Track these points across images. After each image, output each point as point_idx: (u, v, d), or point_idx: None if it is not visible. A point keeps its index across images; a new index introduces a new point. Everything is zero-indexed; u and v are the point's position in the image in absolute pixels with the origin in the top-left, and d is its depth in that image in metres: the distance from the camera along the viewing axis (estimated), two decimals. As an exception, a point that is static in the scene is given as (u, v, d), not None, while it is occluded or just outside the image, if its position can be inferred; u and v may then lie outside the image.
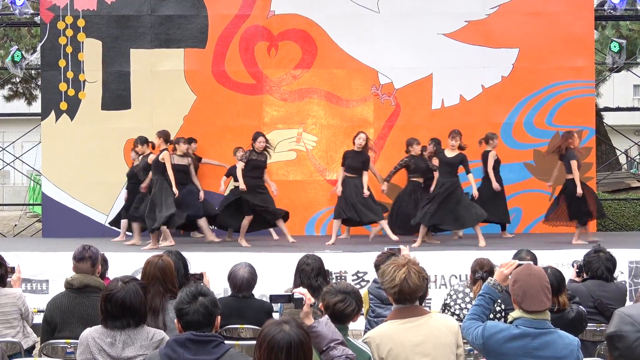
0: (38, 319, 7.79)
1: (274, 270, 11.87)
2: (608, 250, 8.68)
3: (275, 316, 7.70)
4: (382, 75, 18.29)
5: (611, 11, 18.71)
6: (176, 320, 5.15)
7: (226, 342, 5.12)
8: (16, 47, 19.23)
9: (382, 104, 18.30)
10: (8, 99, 27.36)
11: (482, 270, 8.15)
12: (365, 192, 15.35)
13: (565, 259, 12.68)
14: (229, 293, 8.12)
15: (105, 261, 8.75)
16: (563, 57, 18.19)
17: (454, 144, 14.91)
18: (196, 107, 18.12)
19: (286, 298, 5.38)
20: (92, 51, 18.13)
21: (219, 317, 5.20)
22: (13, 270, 8.16)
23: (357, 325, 6.94)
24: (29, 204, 26.83)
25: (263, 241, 15.52)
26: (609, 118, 26.09)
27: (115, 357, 5.60)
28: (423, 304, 6.14)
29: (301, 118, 18.32)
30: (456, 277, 13.03)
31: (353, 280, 12.89)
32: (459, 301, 8.30)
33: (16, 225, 23.64)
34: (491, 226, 16.44)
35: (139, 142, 15.63)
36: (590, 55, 18.58)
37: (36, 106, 23.83)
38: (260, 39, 18.31)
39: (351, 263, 13.13)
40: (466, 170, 14.99)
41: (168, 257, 7.19)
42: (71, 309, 7.09)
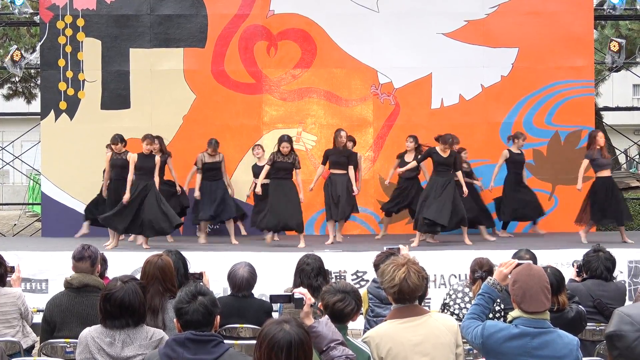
0: (37, 319, 7.79)
1: (274, 269, 11.89)
2: (607, 249, 8.68)
3: (274, 316, 7.69)
4: (382, 74, 18.29)
5: (610, 11, 18.74)
6: (175, 319, 5.14)
7: (225, 342, 5.12)
8: (15, 47, 19.21)
9: (382, 104, 18.31)
10: (7, 98, 27.35)
11: (482, 269, 8.15)
12: (355, 190, 15.51)
13: (564, 259, 12.69)
14: (229, 292, 8.13)
15: (104, 261, 8.76)
16: (562, 57, 18.20)
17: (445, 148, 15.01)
18: (195, 107, 18.12)
19: (286, 298, 5.38)
20: (92, 50, 18.13)
21: (219, 317, 5.20)
22: (12, 269, 8.16)
23: (357, 324, 6.95)
24: (29, 204, 26.83)
25: (262, 241, 15.52)
26: (609, 117, 26.08)
27: (114, 357, 5.60)
28: (422, 304, 6.13)
29: (300, 117, 18.33)
30: (455, 277, 13.04)
31: (352, 279, 12.91)
32: (459, 301, 8.30)
33: (15, 224, 23.64)
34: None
35: (119, 140, 15.59)
36: (589, 54, 18.59)
37: (35, 105, 23.82)
38: (259, 39, 18.31)
39: (351, 263, 13.15)
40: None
41: (167, 257, 7.19)
42: (70, 309, 7.09)
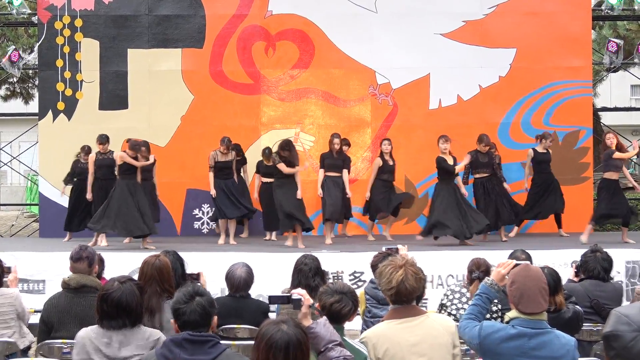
0: (35, 319, 7.79)
1: (272, 270, 11.89)
2: (605, 250, 8.69)
3: (272, 316, 7.69)
4: (380, 75, 18.30)
5: (608, 11, 18.76)
6: (173, 320, 5.14)
7: (223, 342, 5.11)
8: (13, 47, 19.20)
9: (380, 104, 18.32)
10: (5, 99, 27.33)
11: (479, 270, 8.16)
12: (348, 193, 15.63)
13: (561, 259, 12.70)
14: (226, 293, 8.13)
15: (102, 261, 8.76)
16: (560, 57, 18.21)
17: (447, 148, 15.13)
18: (194, 107, 18.12)
19: (285, 299, 5.38)
20: (90, 51, 18.13)
21: (216, 317, 5.19)
22: (9, 270, 8.16)
23: (354, 325, 6.95)
24: (26, 204, 26.84)
25: (260, 241, 15.55)
26: (606, 118, 26.09)
27: (111, 357, 5.60)
28: (420, 304, 6.14)
29: (299, 118, 18.34)
30: (453, 277, 13.04)
31: (350, 280, 12.90)
32: (456, 301, 8.31)
33: (13, 225, 23.62)
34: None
35: (107, 140, 15.73)
36: (587, 55, 18.63)
37: (33, 106, 23.86)
38: (257, 39, 18.32)
39: (348, 263, 13.16)
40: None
41: (165, 257, 7.18)
42: (68, 309, 7.09)
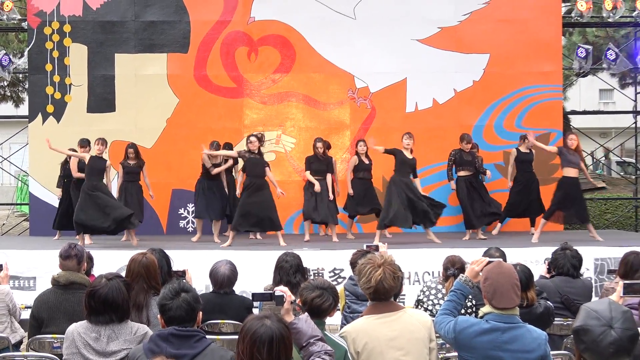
0: (25, 315, 7.78)
1: (254, 267, 11.88)
2: (575, 247, 8.73)
3: (255, 312, 7.69)
4: (358, 79, 18.33)
5: (578, 18, 18.84)
6: (159, 315, 5.14)
7: (208, 337, 5.13)
8: (4, 52, 19.12)
9: (358, 107, 18.35)
10: (-4, 102, 27.28)
11: (454, 267, 8.16)
12: (330, 196, 15.64)
13: (533, 257, 12.76)
14: (211, 289, 8.12)
15: (90, 259, 8.74)
16: (532, 63, 18.29)
17: (409, 144, 15.19)
18: (179, 110, 18.10)
19: (268, 296, 5.39)
20: (78, 56, 18.09)
21: (201, 313, 5.21)
22: (0, 267, 8.13)
23: (334, 320, 6.95)
24: (17, 204, 26.69)
25: (244, 239, 15.53)
26: (576, 121, 26.12)
27: (100, 352, 5.60)
28: (397, 300, 6.15)
29: (280, 120, 18.35)
30: (429, 274, 13.07)
31: (330, 276, 12.92)
32: (432, 297, 8.31)
33: (4, 224, 23.54)
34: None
35: (87, 144, 15.83)
36: (557, 60, 18.69)
37: (23, 109, 23.76)
38: (240, 44, 18.31)
39: (328, 260, 13.16)
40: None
41: (152, 255, 7.18)
42: (57, 305, 7.08)
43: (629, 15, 19.57)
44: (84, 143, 15.84)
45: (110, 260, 12.15)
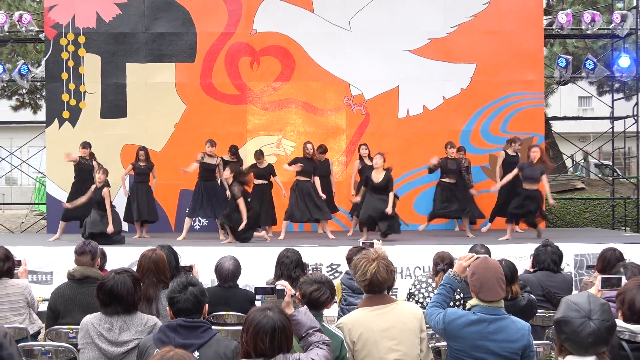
0: (43, 307, 7.76)
1: (257, 262, 11.87)
2: (556, 244, 8.73)
3: (257, 304, 7.69)
4: (354, 87, 18.33)
5: (559, 30, 18.84)
6: (168, 307, 5.15)
7: (213, 328, 5.14)
8: (23, 62, 19.14)
9: (354, 113, 18.34)
10: (15, 109, 27.20)
11: (443, 262, 8.16)
12: (321, 195, 15.69)
13: (517, 252, 12.75)
14: (216, 283, 8.11)
15: (103, 255, 8.74)
16: (516, 71, 18.28)
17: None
18: (186, 116, 18.10)
19: (269, 290, 5.38)
20: (92, 65, 18.09)
21: (207, 305, 5.22)
22: (20, 263, 8.12)
23: (331, 312, 6.95)
24: (35, 203, 26.68)
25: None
26: (557, 126, 26.17)
27: (112, 341, 5.59)
28: (390, 293, 6.15)
29: (281, 126, 18.34)
30: (420, 269, 13.06)
31: (327, 271, 12.91)
32: (423, 290, 8.30)
33: (23, 222, 23.54)
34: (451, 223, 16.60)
35: (88, 146, 15.91)
36: (540, 69, 18.69)
37: (41, 115, 23.76)
38: (243, 55, 18.31)
39: (326, 256, 13.15)
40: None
41: (161, 251, 7.18)
42: (73, 298, 7.08)
43: (606, 27, 19.55)
44: (86, 145, 16.02)
45: (122, 256, 12.13)
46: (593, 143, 24.88)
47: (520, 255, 12.58)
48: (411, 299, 8.27)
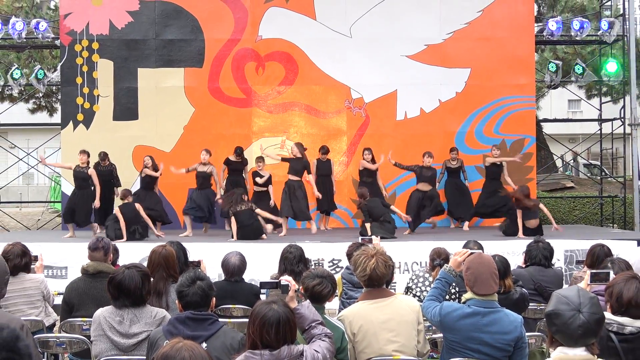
0: (58, 300, 7.76)
1: (262, 257, 11.86)
2: (547, 240, 8.72)
3: (262, 298, 7.68)
4: (354, 90, 18.34)
5: (549, 37, 18.82)
6: (177, 301, 5.14)
7: (220, 320, 5.13)
8: (39, 67, 19.14)
9: (354, 116, 18.35)
10: (32, 112, 27.15)
11: (440, 258, 8.15)
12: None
13: (509, 248, 12.73)
14: (223, 278, 8.10)
15: (116, 250, 8.74)
16: (508, 76, 18.29)
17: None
18: (194, 118, 18.11)
19: (274, 284, 5.38)
20: (105, 70, 18.11)
21: (214, 299, 5.21)
22: (36, 258, 8.12)
23: (332, 305, 6.93)
24: (50, 202, 26.67)
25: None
26: (547, 128, 26.12)
27: (123, 333, 5.58)
28: (389, 287, 6.14)
29: (285, 127, 18.34)
30: (417, 264, 13.04)
31: (329, 266, 12.89)
32: (420, 284, 8.29)
33: (39, 219, 23.53)
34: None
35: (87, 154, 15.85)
36: (531, 74, 18.70)
37: (57, 117, 23.67)
38: (249, 60, 18.32)
39: (327, 252, 13.13)
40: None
41: (170, 247, 7.17)
42: (86, 292, 7.07)
43: (595, 34, 19.56)
44: (84, 152, 15.89)
45: (133, 251, 12.11)
46: (582, 144, 24.83)
47: (513, 251, 12.56)
48: (409, 293, 8.26)
